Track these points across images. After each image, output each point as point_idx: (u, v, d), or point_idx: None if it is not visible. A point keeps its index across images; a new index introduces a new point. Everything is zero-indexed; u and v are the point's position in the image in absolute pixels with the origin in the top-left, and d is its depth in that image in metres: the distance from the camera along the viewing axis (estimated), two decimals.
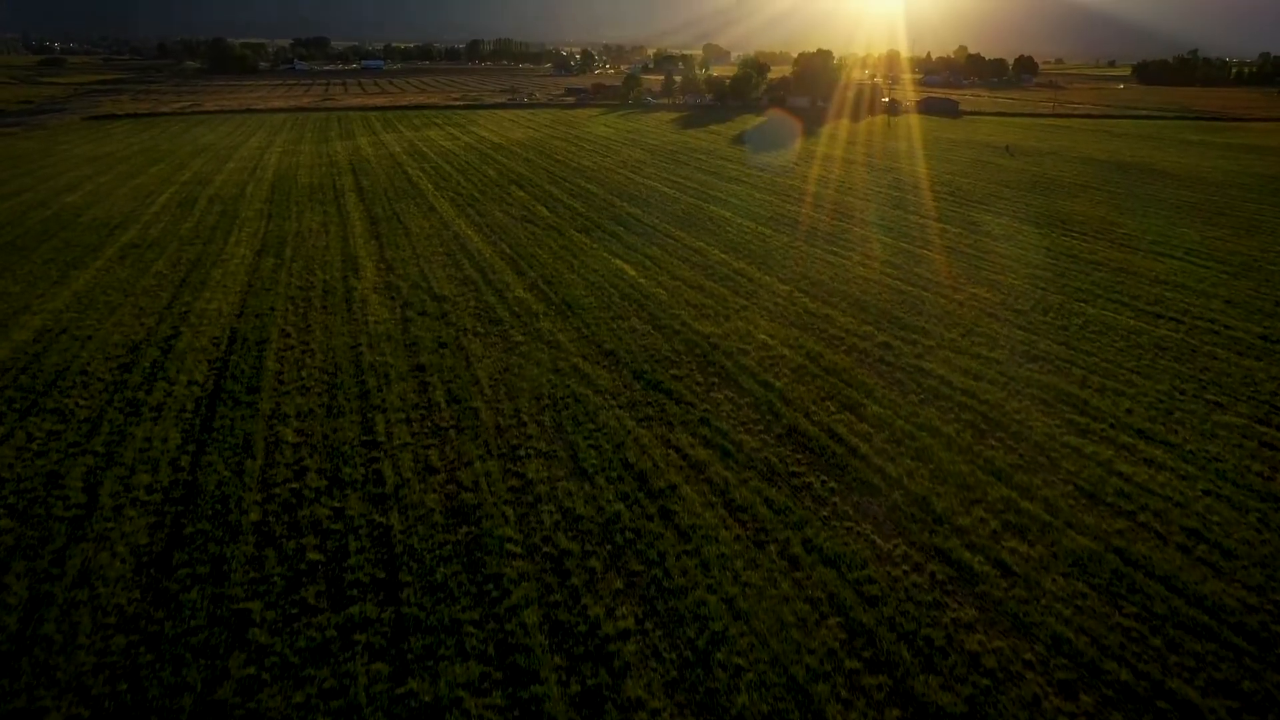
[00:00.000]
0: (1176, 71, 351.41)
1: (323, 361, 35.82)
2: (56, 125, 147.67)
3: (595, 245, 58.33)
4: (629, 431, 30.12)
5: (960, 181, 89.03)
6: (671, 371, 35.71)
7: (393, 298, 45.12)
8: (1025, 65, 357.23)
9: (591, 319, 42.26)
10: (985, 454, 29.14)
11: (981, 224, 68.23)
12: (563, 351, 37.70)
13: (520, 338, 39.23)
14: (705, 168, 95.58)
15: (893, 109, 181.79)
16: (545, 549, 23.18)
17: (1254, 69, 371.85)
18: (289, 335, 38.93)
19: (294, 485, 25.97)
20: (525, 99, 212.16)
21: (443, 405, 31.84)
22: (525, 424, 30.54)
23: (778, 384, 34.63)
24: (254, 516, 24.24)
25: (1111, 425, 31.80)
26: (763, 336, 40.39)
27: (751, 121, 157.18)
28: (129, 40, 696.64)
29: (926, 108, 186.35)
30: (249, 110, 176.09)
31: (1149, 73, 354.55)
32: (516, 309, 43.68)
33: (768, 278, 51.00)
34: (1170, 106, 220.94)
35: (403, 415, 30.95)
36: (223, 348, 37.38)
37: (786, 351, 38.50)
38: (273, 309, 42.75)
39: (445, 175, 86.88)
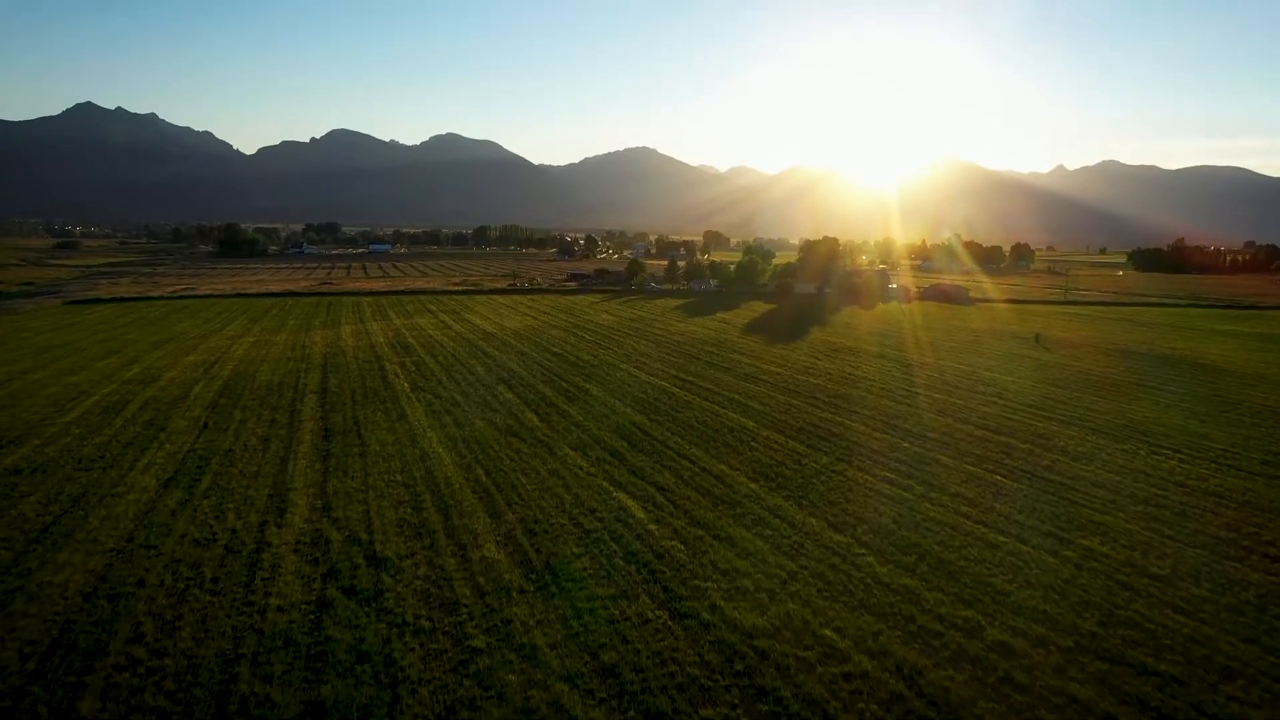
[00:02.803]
0: (1170, 258, 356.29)
1: (169, 697, 23.49)
2: (33, 309, 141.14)
3: (593, 469, 47.20)
4: None
5: (1002, 379, 79.39)
6: (704, 712, 23.41)
7: (316, 561, 33.30)
8: (1022, 252, 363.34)
9: (584, 600, 30.29)
10: None
11: (1051, 437, 57.54)
12: (541, 668, 25.49)
13: (481, 641, 27.08)
14: (717, 362, 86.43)
15: (903, 296, 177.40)
16: None
17: (1247, 257, 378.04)
18: (143, 638, 26.76)
19: None
20: (526, 284, 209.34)
21: None
22: None
23: None
24: None
25: None
26: (828, 633, 28.28)
27: (760, 309, 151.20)
28: (148, 225, 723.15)
29: (936, 294, 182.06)
30: (239, 294, 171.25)
31: (1145, 259, 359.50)
32: (482, 581, 31.78)
33: (814, 521, 39.46)
34: (1178, 294, 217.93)
35: None
36: (31, 666, 25.14)
37: (867, 663, 26.31)
38: (142, 583, 30.81)
39: (427, 373, 77.27)
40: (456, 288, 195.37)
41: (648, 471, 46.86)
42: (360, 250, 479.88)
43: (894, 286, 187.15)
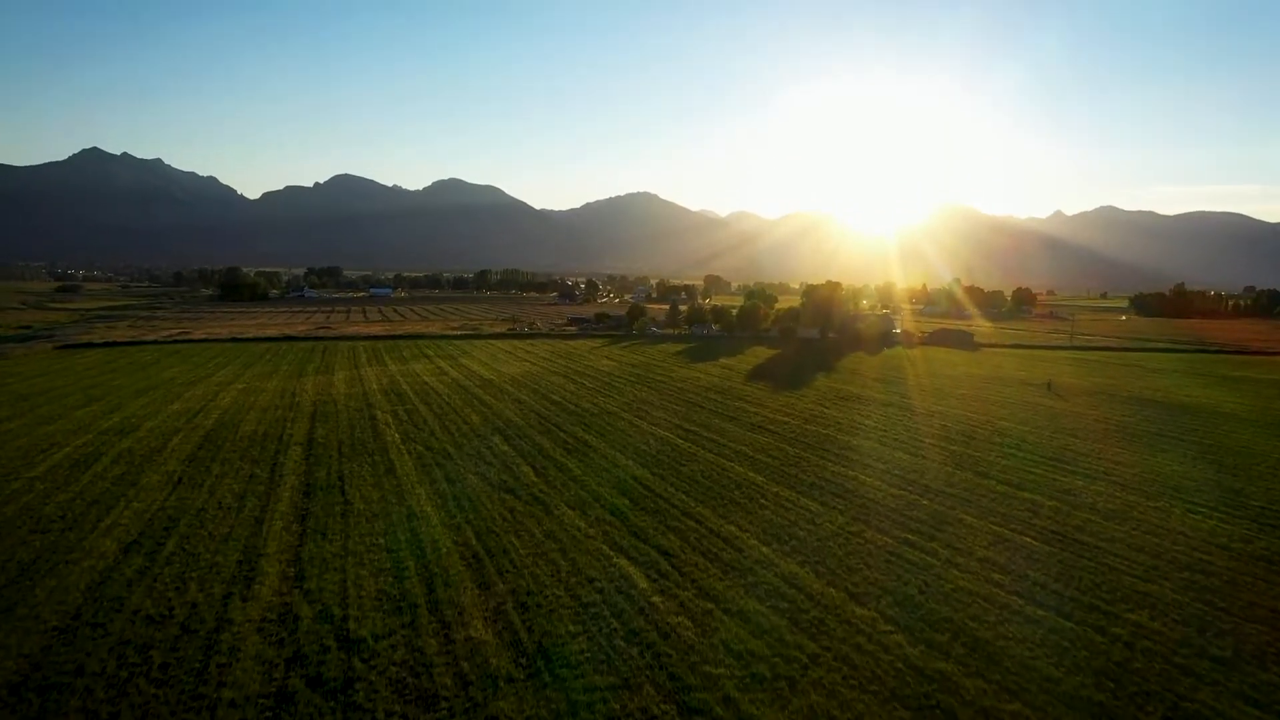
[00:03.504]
0: (1172, 303, 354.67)
1: None
2: (22, 354, 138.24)
3: (592, 531, 43.81)
4: None
5: (1019, 430, 76.08)
6: None
7: (281, 642, 29.81)
8: (1024, 297, 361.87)
9: (581, 691, 26.79)
10: None
11: (1077, 493, 54.15)
12: None
13: None
14: (722, 410, 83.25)
15: (907, 340, 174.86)
16: None
17: (1249, 302, 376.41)
18: None
19: None
20: (526, 328, 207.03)
21: None
22: None
23: None
24: None
25: None
26: None
27: (764, 354, 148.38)
28: (151, 269, 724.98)
29: (940, 339, 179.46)
30: (235, 339, 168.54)
31: (1147, 304, 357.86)
32: (466, 667, 28.28)
33: (834, 592, 35.99)
34: (1184, 339, 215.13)
35: None
36: None
37: None
38: (81, 671, 27.33)
39: (419, 422, 74.06)
40: (455, 332, 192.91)
41: (651, 533, 43.46)
42: (361, 294, 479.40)
43: (897, 331, 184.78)
